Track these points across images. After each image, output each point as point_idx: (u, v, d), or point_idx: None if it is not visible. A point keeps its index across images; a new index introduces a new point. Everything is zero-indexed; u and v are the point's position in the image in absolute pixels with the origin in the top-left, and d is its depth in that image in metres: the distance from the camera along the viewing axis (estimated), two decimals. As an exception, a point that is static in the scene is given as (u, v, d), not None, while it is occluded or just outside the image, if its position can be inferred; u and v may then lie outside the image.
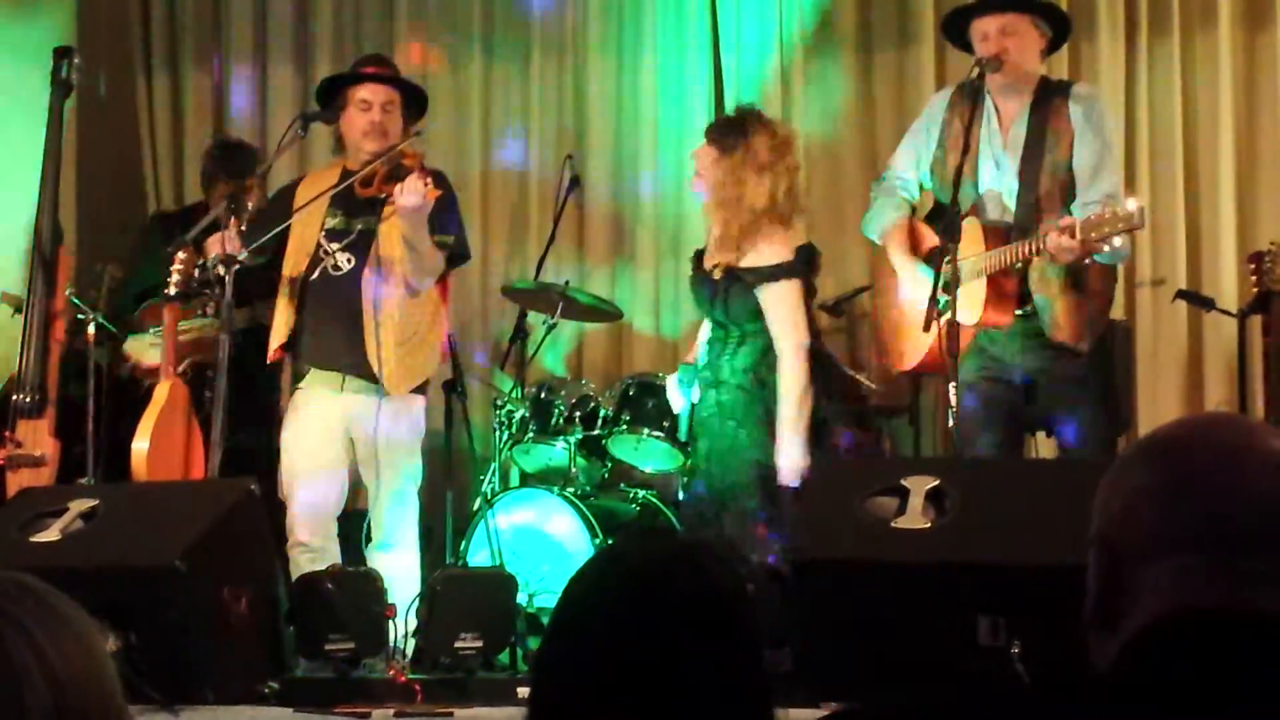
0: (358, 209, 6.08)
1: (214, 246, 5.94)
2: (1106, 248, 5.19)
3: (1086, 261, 5.39)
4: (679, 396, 6.51)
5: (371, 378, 5.97)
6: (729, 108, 8.14)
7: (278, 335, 6.14)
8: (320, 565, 5.84)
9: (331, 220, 6.11)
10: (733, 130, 6.16)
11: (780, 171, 6.02)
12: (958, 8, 6.01)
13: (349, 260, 6.02)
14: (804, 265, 6.04)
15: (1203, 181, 7.85)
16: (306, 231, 6.12)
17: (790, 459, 5.85)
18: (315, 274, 6.06)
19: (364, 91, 6.17)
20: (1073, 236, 5.15)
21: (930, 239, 5.72)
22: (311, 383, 6.12)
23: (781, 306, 5.96)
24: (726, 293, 6.01)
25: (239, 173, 7.24)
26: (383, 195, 5.97)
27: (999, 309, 5.49)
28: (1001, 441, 5.65)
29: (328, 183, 6.20)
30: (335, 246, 6.06)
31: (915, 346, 5.67)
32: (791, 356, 5.93)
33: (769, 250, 5.98)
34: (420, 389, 6.18)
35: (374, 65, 6.41)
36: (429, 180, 5.81)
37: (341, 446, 6.09)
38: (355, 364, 5.99)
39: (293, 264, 6.13)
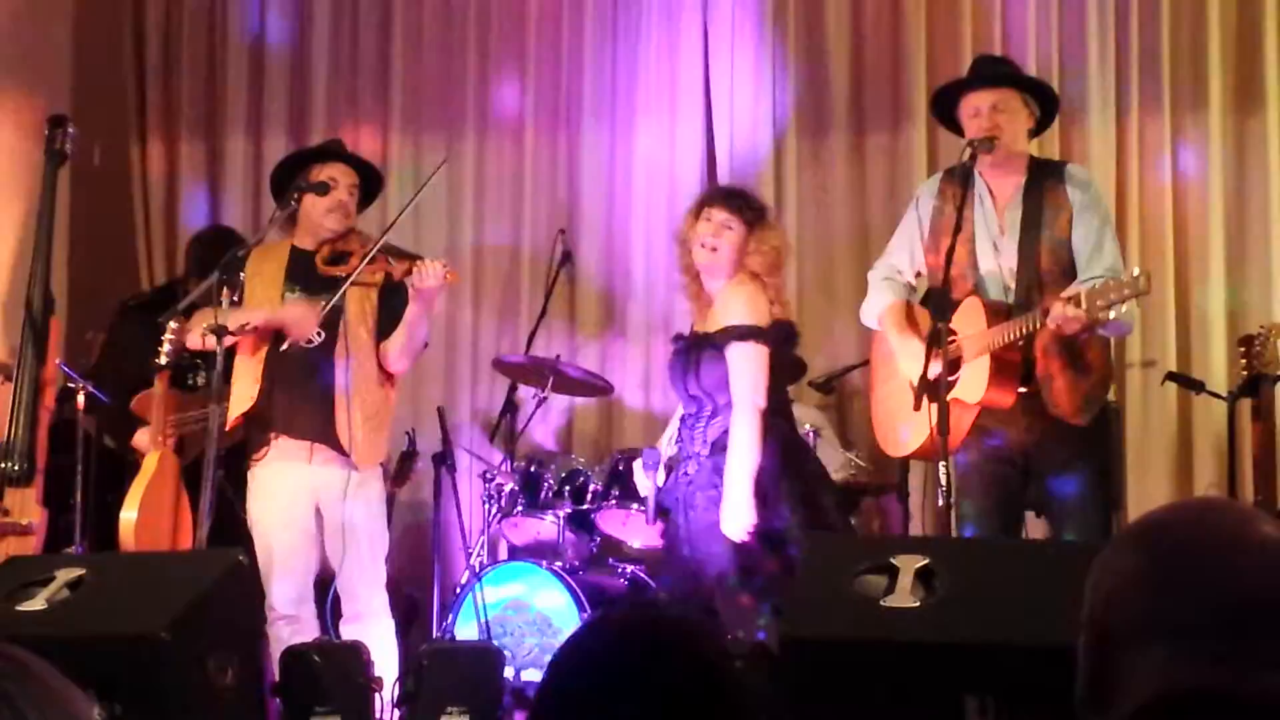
0: (319, 286, 6.04)
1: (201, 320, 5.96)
2: (1113, 313, 5.12)
3: (1086, 335, 5.37)
4: (645, 480, 6.41)
5: (340, 450, 5.95)
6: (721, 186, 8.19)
7: (239, 405, 6.06)
8: (302, 636, 5.82)
9: (290, 295, 6.09)
10: (754, 207, 6.14)
11: (772, 257, 6.00)
12: (948, 83, 6.00)
13: (319, 334, 6.01)
14: (778, 337, 5.95)
15: (1193, 263, 7.90)
16: (266, 306, 6.08)
17: (735, 514, 5.70)
18: (285, 345, 5.99)
19: (333, 169, 6.17)
20: (1078, 306, 5.09)
21: (927, 321, 5.65)
22: (277, 454, 6.07)
23: (747, 364, 5.81)
24: (699, 360, 5.89)
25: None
26: (344, 275, 5.96)
27: (1002, 388, 5.44)
28: (998, 524, 5.62)
29: (277, 258, 6.19)
30: None
31: (912, 431, 5.59)
32: (747, 413, 5.77)
33: (743, 312, 5.86)
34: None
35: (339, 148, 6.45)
36: (447, 263, 5.85)
37: (311, 516, 6.06)
38: (324, 436, 5.97)
39: (253, 337, 6.05)
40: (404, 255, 5.97)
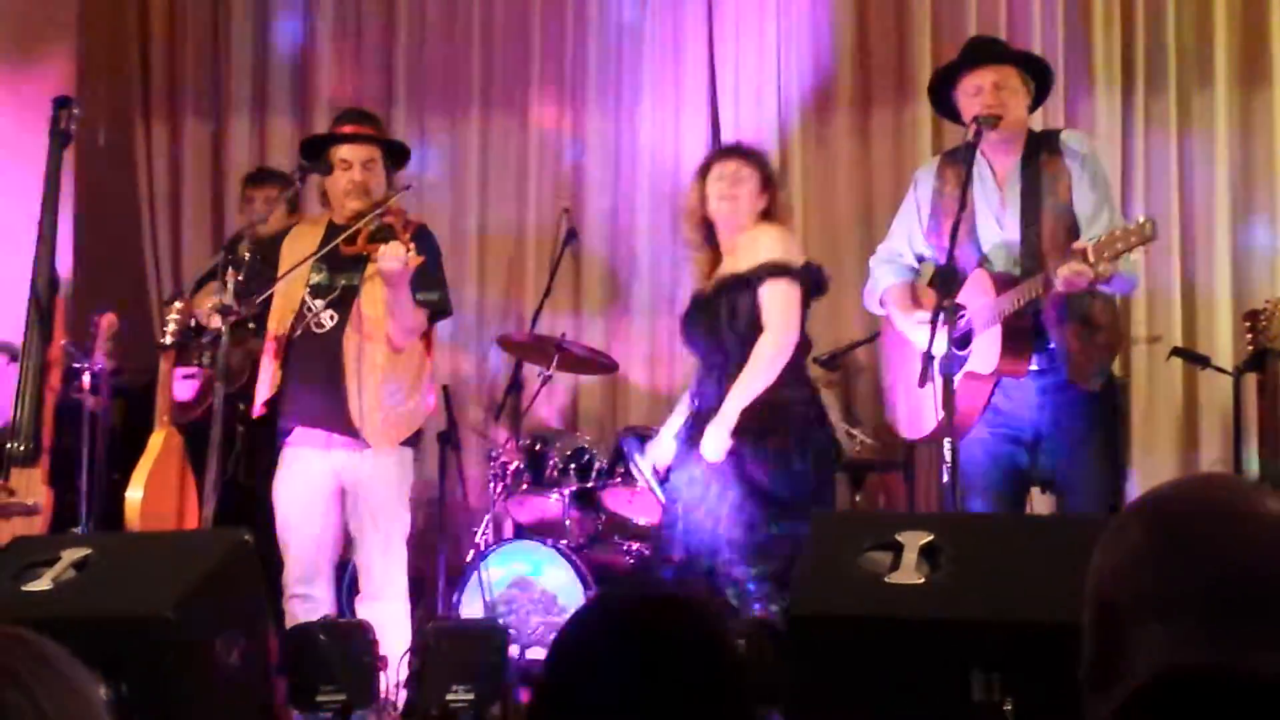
0: (341, 265, 6.06)
1: (204, 300, 6.03)
2: (1122, 265, 5.11)
3: (1099, 288, 5.35)
4: (643, 465, 6.32)
5: (356, 434, 5.97)
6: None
7: (263, 391, 6.13)
8: (316, 614, 5.84)
9: (316, 276, 6.10)
10: (762, 154, 6.15)
11: (788, 212, 6.03)
12: (948, 64, 5.97)
13: (332, 317, 6.03)
14: (809, 279, 5.87)
15: (1198, 239, 7.88)
16: (292, 287, 6.11)
17: (716, 434, 5.68)
18: (299, 331, 6.05)
19: (344, 151, 6.17)
20: (1085, 260, 5.08)
21: (932, 300, 5.63)
22: (299, 439, 6.12)
23: (780, 300, 5.75)
24: (733, 304, 5.80)
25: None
26: (365, 253, 5.97)
27: (1015, 356, 5.42)
28: (1003, 499, 5.60)
29: (314, 235, 6.20)
30: (319, 304, 6.05)
31: (925, 412, 5.54)
32: (775, 339, 5.71)
33: (776, 248, 5.81)
34: (409, 441, 6.16)
35: (353, 123, 6.31)
36: (411, 246, 5.80)
37: (332, 499, 6.09)
38: (339, 421, 5.99)
39: (278, 319, 6.12)
40: (380, 238, 5.93)
